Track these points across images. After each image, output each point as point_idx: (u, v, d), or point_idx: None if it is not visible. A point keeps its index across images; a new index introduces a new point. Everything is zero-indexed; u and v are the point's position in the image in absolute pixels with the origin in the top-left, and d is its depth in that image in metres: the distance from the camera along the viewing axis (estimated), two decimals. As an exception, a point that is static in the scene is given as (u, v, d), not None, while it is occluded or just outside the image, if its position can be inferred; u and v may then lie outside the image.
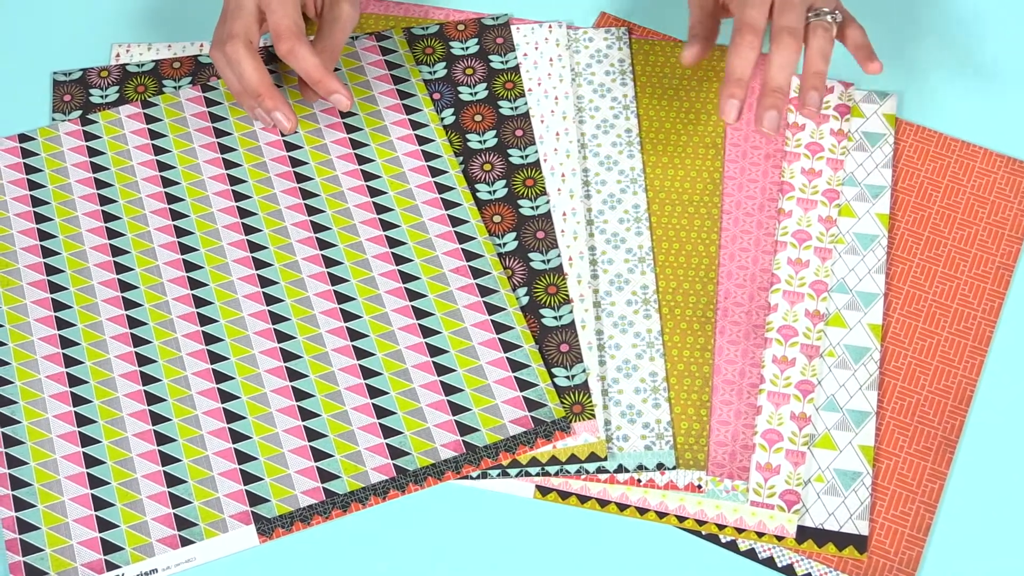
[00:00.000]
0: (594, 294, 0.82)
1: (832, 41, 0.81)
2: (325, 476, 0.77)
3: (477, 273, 0.83)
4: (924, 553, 0.76)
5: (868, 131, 0.88)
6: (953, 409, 0.79)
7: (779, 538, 0.76)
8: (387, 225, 0.85)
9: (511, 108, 0.89)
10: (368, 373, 0.80)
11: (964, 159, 0.87)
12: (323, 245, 0.84)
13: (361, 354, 0.81)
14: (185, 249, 0.84)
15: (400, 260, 0.83)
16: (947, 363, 0.81)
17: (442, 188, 0.86)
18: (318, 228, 0.85)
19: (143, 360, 0.81)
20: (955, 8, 0.94)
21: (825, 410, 0.79)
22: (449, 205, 0.85)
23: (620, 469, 0.77)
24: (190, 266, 0.84)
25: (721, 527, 0.76)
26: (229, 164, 0.87)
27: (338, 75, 0.87)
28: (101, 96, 0.91)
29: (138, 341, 0.81)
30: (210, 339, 0.81)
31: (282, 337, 0.81)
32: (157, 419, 0.79)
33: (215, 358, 0.81)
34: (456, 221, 0.85)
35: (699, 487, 0.77)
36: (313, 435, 0.78)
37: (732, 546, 0.76)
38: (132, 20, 0.95)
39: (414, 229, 0.85)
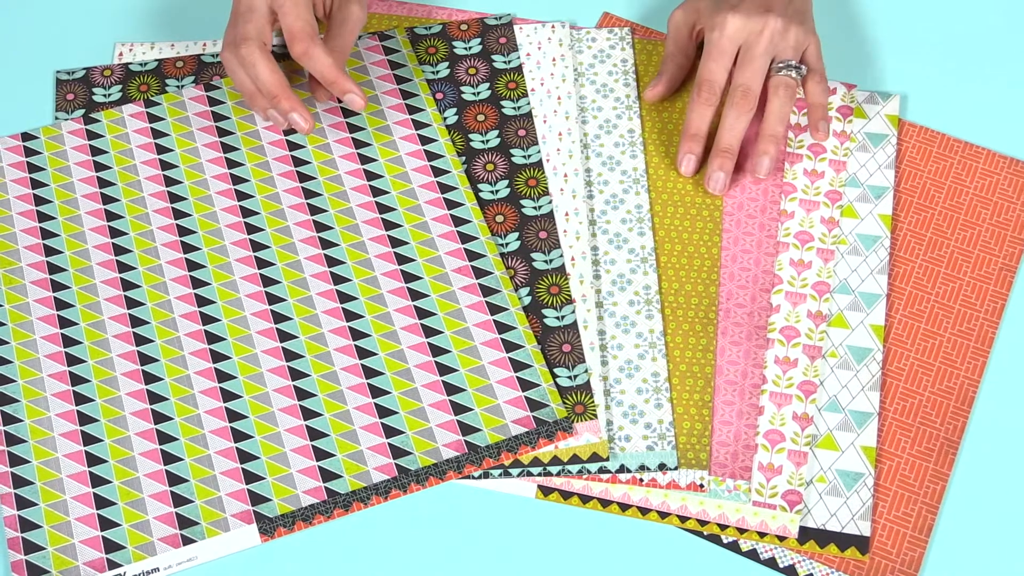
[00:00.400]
0: (596, 294, 0.82)
1: (793, 99, 0.83)
2: (327, 475, 0.77)
3: (479, 273, 0.83)
4: (926, 554, 0.76)
5: (871, 132, 0.88)
6: (955, 410, 0.79)
7: (781, 539, 0.76)
8: (390, 225, 0.85)
9: (514, 108, 0.89)
10: (370, 373, 0.80)
11: (967, 160, 0.87)
12: (326, 245, 0.84)
13: (363, 354, 0.81)
14: (188, 248, 0.84)
15: (403, 260, 0.83)
16: (949, 364, 0.81)
17: (445, 188, 0.86)
18: (321, 228, 0.85)
19: (145, 359, 0.81)
20: (959, 9, 0.94)
21: (827, 411, 0.79)
22: (452, 205, 0.85)
23: (622, 469, 0.77)
24: (193, 265, 0.84)
25: (723, 527, 0.76)
26: (232, 163, 0.87)
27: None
28: (104, 95, 0.91)
29: (140, 340, 0.82)
30: (212, 338, 0.81)
31: (284, 337, 0.81)
32: (159, 418, 0.79)
33: (217, 357, 0.81)
34: (459, 221, 0.85)
35: (701, 487, 0.77)
36: (315, 434, 0.78)
37: (734, 546, 0.76)
38: (135, 19, 0.95)
39: (417, 229, 0.85)
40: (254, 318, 0.82)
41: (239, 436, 0.78)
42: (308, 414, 0.79)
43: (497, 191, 0.86)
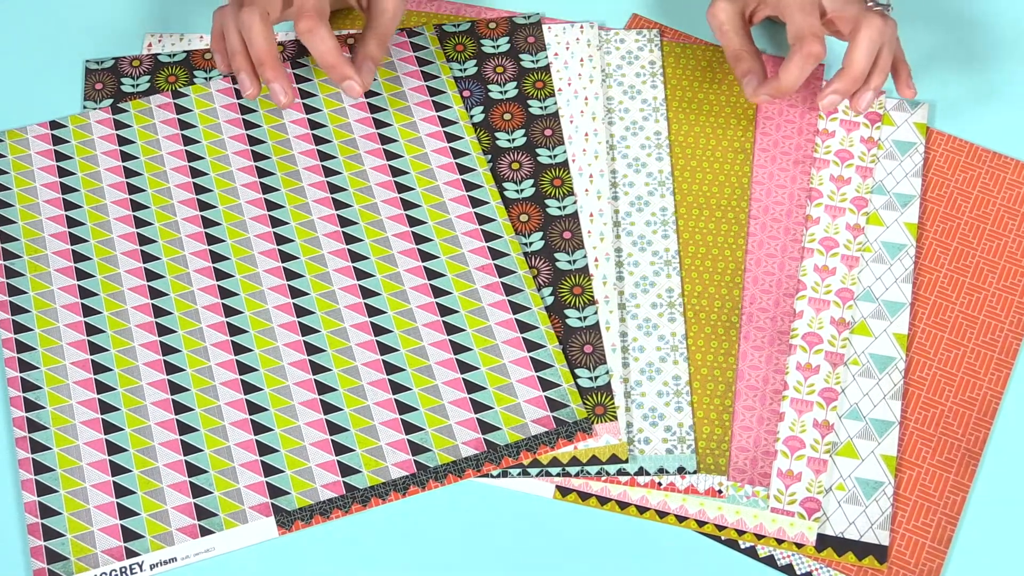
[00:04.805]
0: (619, 296, 0.82)
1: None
2: (346, 470, 0.77)
3: (503, 272, 0.83)
4: (945, 565, 0.75)
5: (898, 140, 0.87)
6: (977, 421, 0.79)
7: (799, 545, 0.76)
8: (414, 222, 0.85)
9: (540, 107, 0.89)
10: (391, 368, 0.80)
11: (994, 170, 0.86)
12: (350, 240, 0.84)
13: (384, 350, 0.81)
14: (212, 240, 0.85)
15: (426, 257, 0.83)
16: (972, 375, 0.80)
17: (470, 186, 0.86)
18: (345, 223, 0.85)
19: (167, 349, 0.81)
20: (988, 18, 0.93)
21: (848, 418, 0.79)
22: (476, 203, 0.85)
23: (641, 472, 0.77)
24: (217, 257, 0.84)
25: (740, 532, 0.76)
26: (258, 156, 0.88)
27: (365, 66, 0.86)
28: (132, 85, 0.91)
29: (163, 330, 0.82)
30: (234, 330, 0.82)
31: (306, 331, 0.81)
32: (180, 409, 0.79)
33: (239, 349, 0.81)
34: (483, 219, 0.85)
35: (720, 492, 0.77)
36: (335, 429, 0.78)
37: (751, 552, 0.76)
38: (165, 10, 0.96)
39: (441, 226, 0.85)
40: (276, 311, 0.82)
41: (259, 429, 0.79)
42: (328, 409, 0.79)
43: (522, 190, 0.86)
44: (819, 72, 0.90)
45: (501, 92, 0.90)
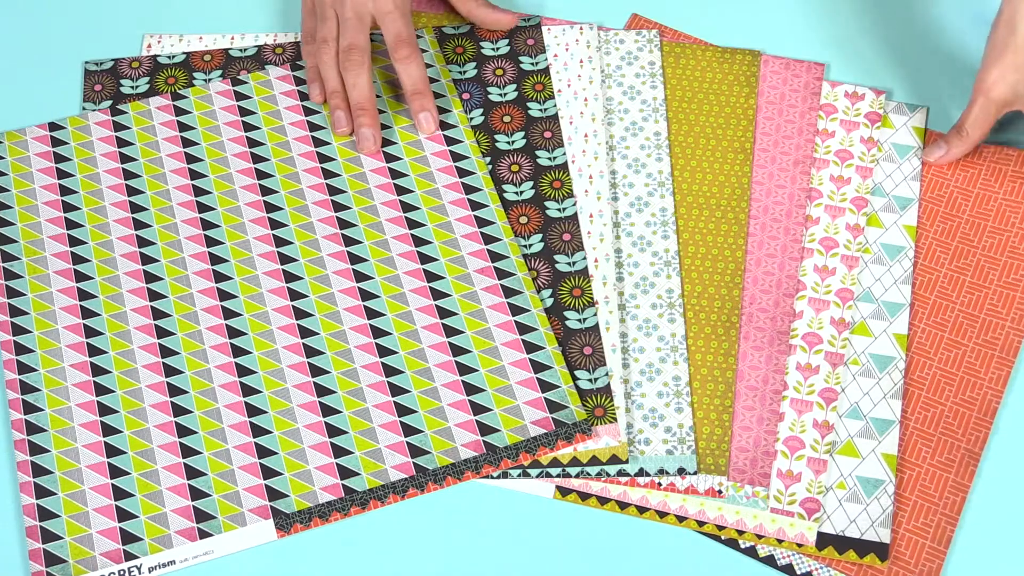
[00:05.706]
0: (619, 297, 0.82)
1: None
2: (345, 473, 0.77)
3: (502, 274, 0.83)
4: (945, 566, 0.75)
5: (897, 143, 0.87)
6: (978, 421, 0.79)
7: (799, 545, 0.75)
8: (413, 224, 0.85)
9: (540, 110, 0.89)
10: (390, 371, 0.80)
11: (996, 164, 0.86)
12: (349, 242, 0.84)
13: (383, 351, 0.81)
14: (211, 242, 0.85)
15: (425, 259, 0.83)
16: (973, 374, 0.80)
17: (469, 189, 0.86)
18: (345, 225, 0.85)
19: (166, 351, 0.81)
20: (986, 21, 0.93)
21: (848, 418, 0.79)
22: (476, 206, 0.85)
23: (641, 472, 0.77)
24: (215, 259, 0.84)
25: (740, 532, 0.76)
26: (257, 159, 0.88)
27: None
28: (131, 87, 0.91)
29: (162, 333, 0.82)
30: (233, 332, 0.82)
31: (305, 333, 0.81)
32: (179, 411, 0.79)
33: (237, 352, 0.81)
34: (482, 222, 0.85)
35: (720, 492, 0.77)
36: (333, 431, 0.78)
37: (751, 551, 0.76)
38: (164, 11, 0.96)
39: (440, 229, 0.84)
40: (275, 313, 0.82)
41: (258, 431, 0.79)
42: (327, 411, 0.79)
43: (522, 192, 0.86)
44: (819, 72, 0.90)
45: (501, 94, 0.90)
